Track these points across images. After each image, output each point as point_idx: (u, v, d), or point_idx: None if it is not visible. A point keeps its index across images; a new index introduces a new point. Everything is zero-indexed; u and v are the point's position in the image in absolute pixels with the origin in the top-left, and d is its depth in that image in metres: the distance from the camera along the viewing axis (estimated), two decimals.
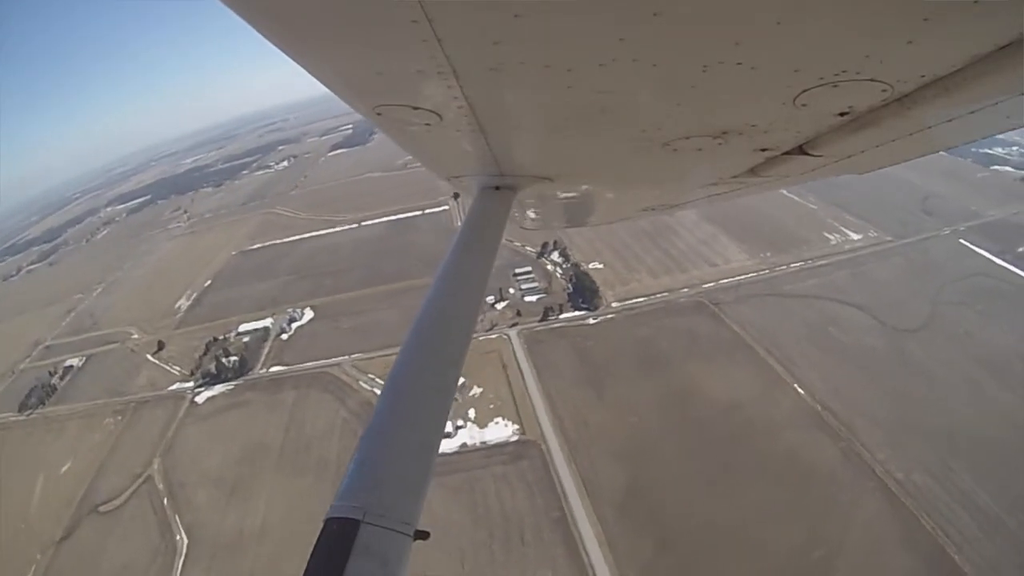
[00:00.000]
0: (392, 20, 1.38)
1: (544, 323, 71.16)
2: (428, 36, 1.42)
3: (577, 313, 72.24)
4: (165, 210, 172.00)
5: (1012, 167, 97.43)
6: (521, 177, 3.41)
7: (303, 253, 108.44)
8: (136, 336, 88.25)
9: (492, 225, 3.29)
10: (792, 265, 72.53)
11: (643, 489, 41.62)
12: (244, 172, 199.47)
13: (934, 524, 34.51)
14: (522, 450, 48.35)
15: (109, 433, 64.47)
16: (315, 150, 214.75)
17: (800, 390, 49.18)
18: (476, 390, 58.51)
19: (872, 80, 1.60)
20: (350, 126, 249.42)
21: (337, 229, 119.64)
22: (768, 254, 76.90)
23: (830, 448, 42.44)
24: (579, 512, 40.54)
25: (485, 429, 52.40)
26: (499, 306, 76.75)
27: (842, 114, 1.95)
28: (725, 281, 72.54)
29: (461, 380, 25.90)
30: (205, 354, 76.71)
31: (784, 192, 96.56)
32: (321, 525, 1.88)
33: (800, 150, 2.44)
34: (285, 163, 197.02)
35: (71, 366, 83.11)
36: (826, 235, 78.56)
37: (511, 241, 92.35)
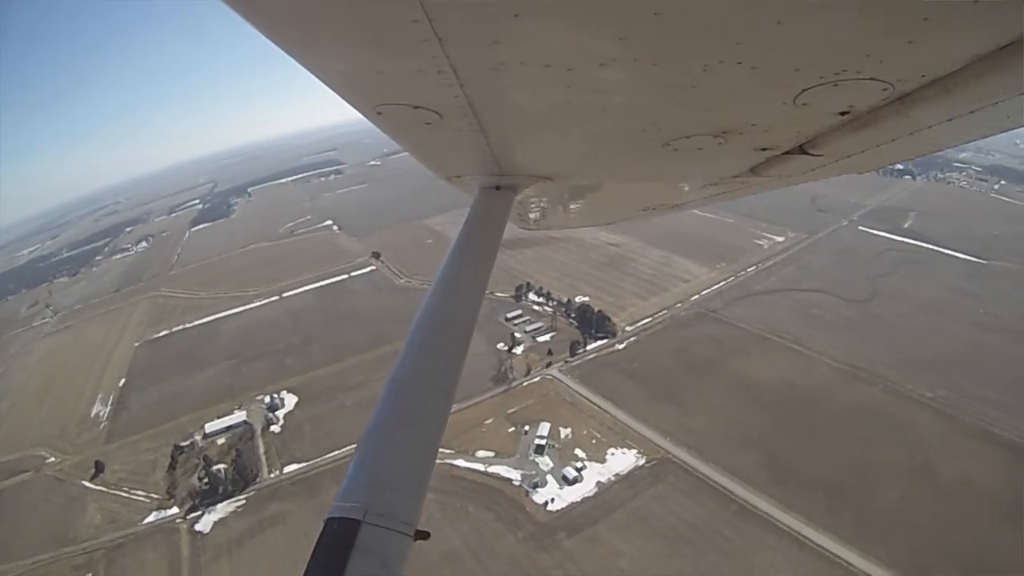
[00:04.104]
0: (393, 20, 1.53)
1: (577, 357, 79.92)
2: (428, 36, 1.57)
3: (600, 343, 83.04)
4: (19, 306, 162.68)
5: None
6: (521, 177, 3.72)
7: (232, 333, 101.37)
8: (53, 459, 73.27)
9: (492, 225, 3.58)
10: (748, 270, 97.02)
11: (779, 461, 53.82)
12: (98, 258, 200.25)
13: (976, 417, 55.12)
14: (659, 469, 56.03)
15: None
16: (172, 228, 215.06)
17: (824, 358, 68.76)
18: (565, 432, 63.93)
19: (873, 79, 1.80)
20: (196, 200, 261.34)
21: (257, 304, 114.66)
22: (723, 264, 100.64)
23: (873, 391, 61.73)
24: (750, 497, 50.46)
25: (606, 463, 58.32)
26: (516, 350, 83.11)
27: (843, 113, 2.16)
28: (705, 292, 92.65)
29: (547, 426, 58.86)
30: (174, 468, 66.24)
31: (697, 212, 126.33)
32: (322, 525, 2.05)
33: (800, 150, 2.72)
34: (144, 244, 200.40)
35: None
36: (756, 242, 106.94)
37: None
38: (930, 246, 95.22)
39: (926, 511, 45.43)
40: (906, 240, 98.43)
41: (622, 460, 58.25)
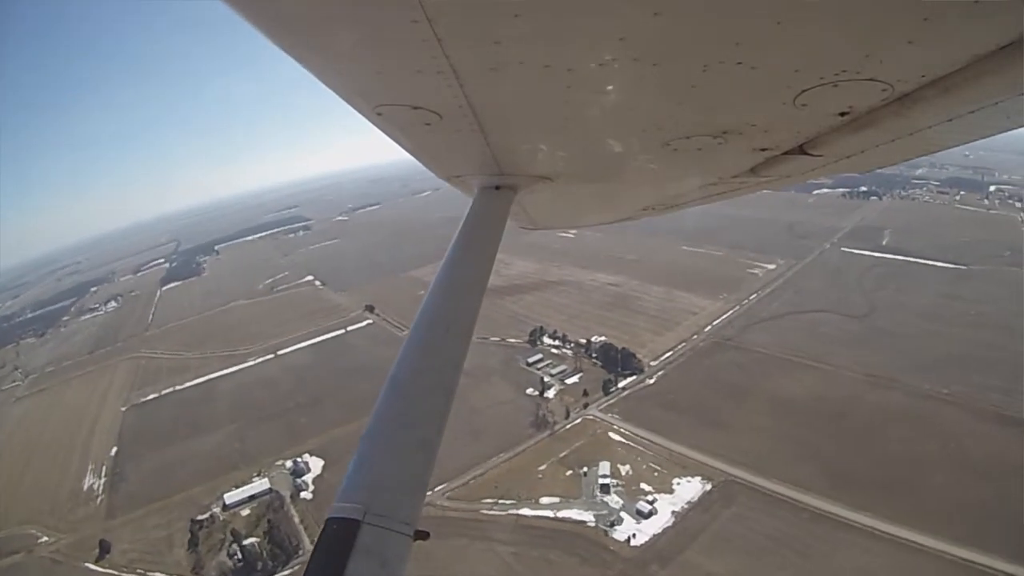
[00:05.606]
0: (392, 20, 1.60)
1: (611, 396, 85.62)
2: (428, 36, 1.64)
3: (630, 379, 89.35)
4: None
5: (829, 188, 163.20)
6: (521, 177, 3.88)
7: (230, 394, 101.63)
8: (47, 539, 70.13)
9: (492, 225, 3.72)
10: (750, 298, 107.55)
11: (832, 466, 60.81)
12: (66, 318, 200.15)
13: (990, 405, 65.01)
14: (727, 491, 61.55)
15: None
16: (141, 287, 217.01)
17: (843, 371, 78.07)
18: (624, 468, 68.78)
19: (872, 80, 1.88)
20: (162, 259, 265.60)
21: (251, 363, 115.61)
22: (725, 295, 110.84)
23: (895, 395, 71.02)
24: (816, 503, 56.82)
25: (675, 493, 63.27)
26: (549, 394, 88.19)
27: (842, 114, 2.27)
28: (716, 322, 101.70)
29: (607, 465, 67.79)
30: (195, 544, 64.90)
31: (686, 246, 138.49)
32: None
33: (800, 150, 2.84)
34: (113, 303, 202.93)
35: None
36: (750, 271, 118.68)
37: (490, 338, 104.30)
38: (911, 259, 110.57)
39: (973, 489, 53.51)
40: (888, 256, 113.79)
41: (689, 488, 63.39)
